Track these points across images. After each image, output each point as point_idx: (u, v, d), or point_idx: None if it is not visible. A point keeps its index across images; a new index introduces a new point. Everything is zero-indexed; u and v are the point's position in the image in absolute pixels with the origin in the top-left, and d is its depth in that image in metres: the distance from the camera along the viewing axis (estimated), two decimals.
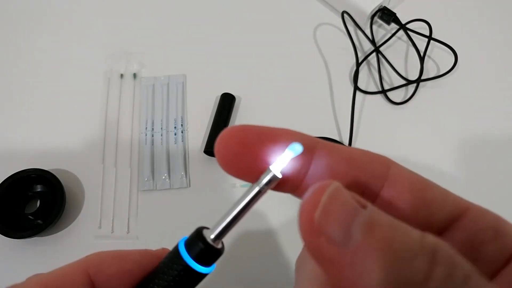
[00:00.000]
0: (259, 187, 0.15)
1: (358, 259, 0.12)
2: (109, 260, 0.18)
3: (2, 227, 0.42)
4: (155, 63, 0.54)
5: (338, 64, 0.53)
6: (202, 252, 0.16)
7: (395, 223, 0.12)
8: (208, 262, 0.16)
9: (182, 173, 0.47)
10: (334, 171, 0.15)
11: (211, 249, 0.16)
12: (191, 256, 0.16)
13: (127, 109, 0.51)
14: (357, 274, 0.12)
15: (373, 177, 0.15)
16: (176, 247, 0.16)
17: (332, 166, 0.15)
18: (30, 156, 0.48)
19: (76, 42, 0.55)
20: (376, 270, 0.11)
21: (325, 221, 0.12)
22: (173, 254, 0.16)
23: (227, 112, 0.49)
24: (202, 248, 0.16)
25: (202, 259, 0.16)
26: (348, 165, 0.15)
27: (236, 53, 0.54)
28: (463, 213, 0.15)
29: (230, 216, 0.15)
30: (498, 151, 0.48)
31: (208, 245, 0.16)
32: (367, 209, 0.12)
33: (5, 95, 0.52)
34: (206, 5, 0.57)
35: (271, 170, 0.14)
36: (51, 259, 0.44)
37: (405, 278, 0.11)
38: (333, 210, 0.12)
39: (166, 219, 0.46)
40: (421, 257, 0.11)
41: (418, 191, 0.15)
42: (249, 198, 0.15)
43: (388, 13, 0.53)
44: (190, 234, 0.16)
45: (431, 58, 0.53)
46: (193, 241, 0.16)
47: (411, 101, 0.50)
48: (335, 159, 0.15)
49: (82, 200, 0.46)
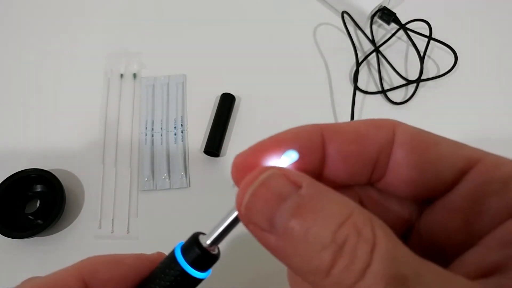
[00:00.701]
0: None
1: (281, 245, 0.12)
2: (103, 264, 0.18)
3: (2, 227, 0.42)
4: (155, 63, 0.54)
5: (338, 64, 0.53)
6: (198, 257, 0.16)
7: (319, 209, 0.12)
8: (204, 268, 0.16)
9: (182, 173, 0.47)
10: (345, 153, 0.15)
11: (207, 254, 0.16)
12: (187, 261, 0.16)
13: (127, 109, 0.51)
14: (285, 261, 0.13)
15: (380, 146, 0.15)
16: (173, 252, 0.17)
17: (342, 150, 0.15)
18: (30, 156, 0.48)
19: (76, 42, 0.55)
20: (293, 259, 0.12)
21: (249, 211, 0.13)
22: (170, 259, 0.17)
23: (227, 112, 0.49)
24: (198, 253, 0.16)
25: (198, 264, 0.16)
26: (356, 143, 0.15)
27: (236, 53, 0.54)
28: (474, 165, 0.14)
29: (226, 222, 0.15)
30: (498, 151, 0.48)
31: (204, 250, 0.16)
32: (300, 191, 0.13)
33: (5, 95, 0.52)
34: (206, 5, 0.57)
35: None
36: (51, 259, 0.44)
37: (312, 267, 0.12)
38: (256, 200, 0.13)
39: (166, 219, 0.46)
40: (327, 250, 0.12)
41: (423, 152, 0.15)
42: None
43: (388, 13, 0.53)
44: (186, 240, 0.16)
45: (431, 58, 0.53)
46: (189, 246, 0.16)
47: (411, 101, 0.50)
48: (343, 141, 0.15)
49: (82, 200, 0.46)
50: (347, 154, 0.15)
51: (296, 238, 0.12)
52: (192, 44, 0.55)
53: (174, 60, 0.54)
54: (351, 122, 0.15)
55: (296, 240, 0.12)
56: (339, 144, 0.15)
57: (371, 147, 0.15)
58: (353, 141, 0.15)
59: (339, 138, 0.15)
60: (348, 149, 0.15)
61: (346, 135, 0.15)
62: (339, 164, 0.15)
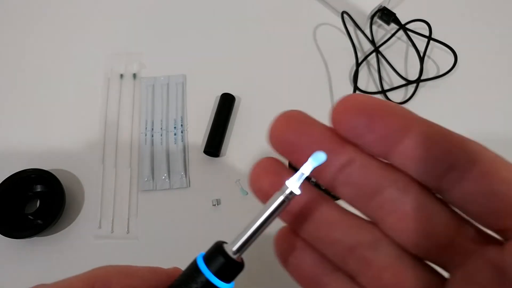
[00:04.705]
0: (284, 196, 0.14)
1: None
2: (116, 275, 0.17)
3: (2, 227, 0.42)
4: (155, 63, 0.54)
5: (338, 64, 0.53)
6: (223, 266, 0.15)
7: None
8: (229, 278, 0.15)
9: (182, 173, 0.47)
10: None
11: (232, 263, 0.15)
12: (211, 271, 0.15)
13: (127, 109, 0.51)
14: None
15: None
16: (195, 262, 0.16)
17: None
18: (30, 156, 0.48)
19: (76, 42, 0.55)
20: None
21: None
22: (192, 270, 0.16)
23: (227, 112, 0.49)
24: (223, 262, 0.15)
25: (223, 274, 0.15)
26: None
27: (236, 53, 0.54)
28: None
29: (252, 228, 0.14)
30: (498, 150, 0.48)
31: (229, 259, 0.15)
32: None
33: (5, 95, 0.52)
34: (206, 5, 0.57)
35: (289, 185, 0.14)
36: (51, 259, 0.44)
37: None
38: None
39: (166, 219, 0.46)
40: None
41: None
42: (273, 208, 0.14)
43: (387, 13, 0.53)
44: (209, 249, 0.16)
45: (431, 58, 0.53)
46: (213, 255, 0.15)
47: (411, 101, 0.50)
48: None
49: (82, 200, 0.46)
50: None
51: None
52: (192, 44, 0.55)
53: (174, 60, 0.54)
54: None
55: None
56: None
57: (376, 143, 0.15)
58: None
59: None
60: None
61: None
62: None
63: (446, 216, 0.14)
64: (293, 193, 0.14)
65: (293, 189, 0.14)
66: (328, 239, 0.16)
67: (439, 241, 0.14)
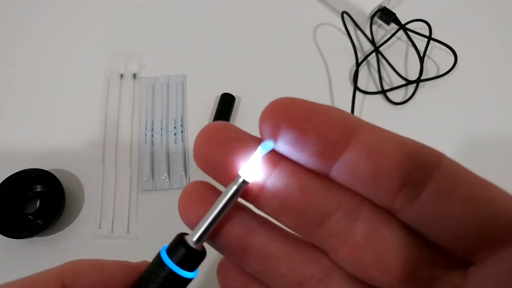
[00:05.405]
0: (237, 185, 0.15)
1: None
2: (85, 269, 0.17)
3: (2, 227, 0.42)
4: (155, 63, 0.54)
5: (338, 64, 0.53)
6: (185, 256, 0.16)
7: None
8: (192, 267, 0.16)
9: (182, 173, 0.47)
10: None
11: (193, 252, 0.16)
12: (174, 261, 0.16)
13: (127, 109, 0.51)
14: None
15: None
16: (158, 254, 0.16)
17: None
18: (30, 156, 0.48)
19: (76, 42, 0.55)
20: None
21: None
22: (155, 262, 0.16)
23: (227, 112, 0.49)
24: (184, 252, 0.16)
25: (186, 263, 0.16)
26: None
27: (236, 53, 0.54)
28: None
29: (209, 218, 0.15)
30: (498, 150, 0.48)
31: (190, 248, 0.16)
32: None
33: (5, 95, 0.52)
34: (206, 5, 0.57)
35: (242, 172, 0.15)
36: (51, 259, 0.44)
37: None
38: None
39: (166, 219, 0.46)
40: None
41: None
42: (227, 199, 0.15)
43: (387, 13, 0.53)
44: (171, 241, 0.16)
45: (431, 58, 0.53)
46: (174, 246, 0.16)
47: (411, 101, 0.50)
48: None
49: (82, 200, 0.46)
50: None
51: None
52: (192, 44, 0.55)
53: (174, 60, 0.54)
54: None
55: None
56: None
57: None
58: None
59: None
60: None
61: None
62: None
63: (403, 243, 0.12)
64: (246, 182, 0.15)
65: (246, 178, 0.15)
66: (272, 275, 0.15)
67: (397, 274, 0.12)
